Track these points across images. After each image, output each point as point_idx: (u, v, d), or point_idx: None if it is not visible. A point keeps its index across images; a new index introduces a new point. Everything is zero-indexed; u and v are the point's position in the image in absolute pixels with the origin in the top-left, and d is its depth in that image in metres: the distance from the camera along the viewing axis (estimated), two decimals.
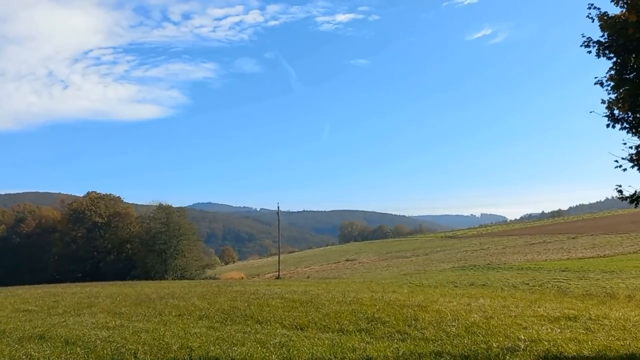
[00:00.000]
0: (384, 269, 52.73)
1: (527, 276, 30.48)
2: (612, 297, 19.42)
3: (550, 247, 54.20)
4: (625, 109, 7.62)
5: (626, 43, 7.30)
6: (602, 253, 43.38)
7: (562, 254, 46.63)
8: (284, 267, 69.40)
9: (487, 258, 49.44)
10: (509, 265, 39.46)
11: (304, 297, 17.46)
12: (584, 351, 8.78)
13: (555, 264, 37.09)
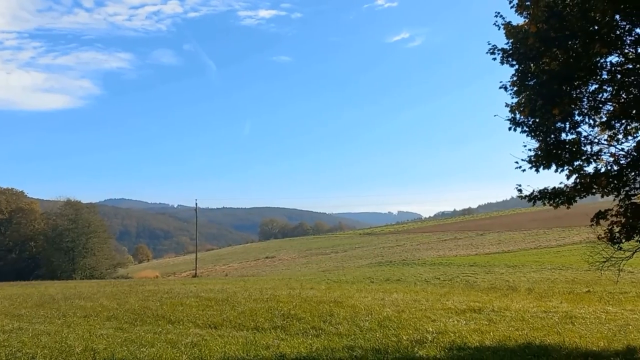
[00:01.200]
0: (304, 266, 53.07)
1: (439, 271, 31.90)
2: (514, 290, 20.75)
3: (460, 244, 56.99)
4: (525, 113, 8.13)
5: (527, 52, 7.79)
6: (507, 249, 46.17)
7: (471, 249, 49.16)
8: (202, 265, 67.89)
9: (402, 254, 51.18)
10: (422, 261, 41.10)
11: (220, 296, 17.17)
12: (486, 341, 9.28)
13: (465, 259, 39.08)
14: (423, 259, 42.86)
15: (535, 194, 8.50)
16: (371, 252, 59.97)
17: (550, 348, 8.55)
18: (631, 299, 16.53)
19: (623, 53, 8.22)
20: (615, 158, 7.67)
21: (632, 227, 7.03)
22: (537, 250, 42.86)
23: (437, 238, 67.20)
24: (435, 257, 43.68)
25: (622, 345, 8.56)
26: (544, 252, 40.36)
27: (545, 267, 30.29)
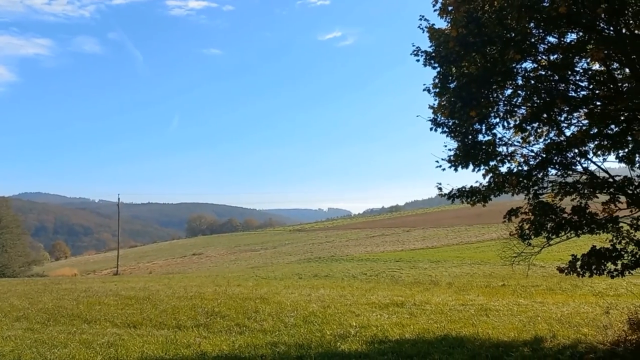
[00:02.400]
0: (232, 263, 52.40)
1: (366, 267, 32.53)
2: (435, 285, 21.54)
3: (387, 240, 58.39)
4: (445, 114, 8.43)
5: (448, 55, 8.07)
6: (431, 245, 47.81)
7: (398, 245, 50.48)
8: (124, 263, 65.31)
9: (331, 250, 51.68)
10: (350, 257, 41.71)
11: (142, 294, 16.61)
12: (406, 334, 9.57)
13: (391, 255, 40.08)
14: (351, 255, 43.50)
15: (454, 192, 8.82)
16: (301, 248, 60.16)
17: (466, 339, 8.95)
18: (541, 292, 17.62)
19: (537, 60, 8.71)
20: (525, 159, 8.13)
21: (540, 224, 7.46)
22: (458, 246, 44.67)
23: (366, 234, 68.48)
24: (363, 253, 44.46)
25: (530, 336, 9.09)
26: (464, 247, 42.14)
27: (465, 262, 31.58)
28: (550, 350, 7.92)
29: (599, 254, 6.79)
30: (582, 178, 7.94)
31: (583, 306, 12.54)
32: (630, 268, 6.82)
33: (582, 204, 7.28)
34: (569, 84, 8.64)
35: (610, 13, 7.90)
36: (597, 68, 8.75)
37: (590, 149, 8.23)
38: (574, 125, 8.68)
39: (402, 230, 67.00)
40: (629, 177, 7.51)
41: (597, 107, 8.44)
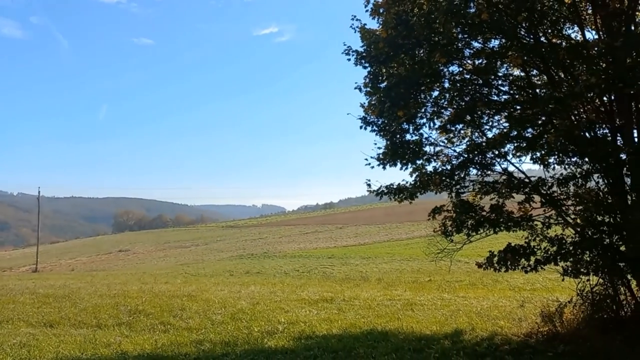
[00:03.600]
0: (161, 260, 50.96)
1: (299, 263, 32.63)
2: (365, 280, 21.93)
3: (321, 236, 58.89)
4: (375, 113, 8.60)
5: (378, 55, 8.23)
6: (363, 242, 48.67)
7: (330, 242, 51.04)
8: (45, 260, 61.83)
9: (264, 247, 51.48)
10: (284, 254, 41.72)
11: (61, 292, 15.78)
12: (333, 329, 9.68)
13: (324, 252, 40.42)
14: (284, 252, 43.50)
15: (382, 189, 9.01)
16: (233, 245, 59.49)
17: (391, 333, 9.17)
18: (464, 287, 18.35)
19: (462, 64, 9.05)
20: (448, 159, 8.44)
21: (461, 221, 7.78)
22: (389, 242, 45.75)
23: (299, 231, 68.70)
24: (296, 250, 44.58)
25: (451, 329, 9.44)
26: (395, 244, 43.20)
27: (395, 258, 32.38)
28: (468, 342, 8.26)
29: (514, 250, 7.17)
30: (501, 178, 8.35)
31: (501, 300, 13.17)
32: (542, 263, 7.24)
33: (499, 203, 7.66)
34: (491, 88, 9.04)
35: (529, 22, 8.34)
36: (518, 74, 9.22)
37: (510, 151, 8.68)
38: (495, 127, 9.11)
39: (335, 227, 67.78)
40: (543, 178, 7.97)
41: (516, 111, 8.88)
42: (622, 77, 6.86)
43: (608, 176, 7.80)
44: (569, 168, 8.26)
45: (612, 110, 8.17)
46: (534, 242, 7.71)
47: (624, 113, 7.94)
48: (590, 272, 7.11)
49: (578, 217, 7.03)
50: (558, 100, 6.99)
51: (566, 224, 7.55)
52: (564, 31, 8.88)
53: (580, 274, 7.07)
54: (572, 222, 7.33)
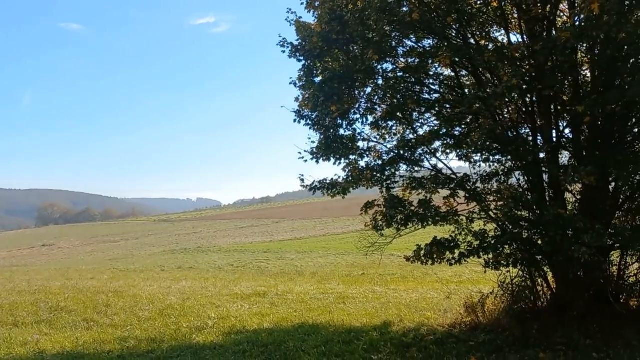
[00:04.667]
0: (88, 255, 48.81)
1: (234, 258, 32.23)
2: (300, 275, 21.98)
3: (257, 231, 58.41)
4: (309, 107, 8.60)
5: (312, 49, 8.23)
6: (299, 236, 48.69)
7: (267, 236, 50.70)
8: None
9: (198, 241, 50.47)
10: (218, 248, 41.07)
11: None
12: (265, 324, 9.64)
13: (260, 246, 40.14)
14: (219, 246, 42.85)
15: (315, 184, 9.03)
16: (166, 239, 57.92)
17: (322, 326, 9.26)
18: (396, 280, 18.78)
19: (396, 62, 9.22)
20: (379, 154, 8.59)
21: (391, 216, 7.93)
22: (325, 237, 46.02)
23: (235, 225, 67.90)
24: (232, 244, 44.02)
25: (381, 321, 9.65)
26: (331, 238, 43.52)
27: (330, 252, 32.61)
28: (396, 333, 8.48)
29: (439, 244, 7.41)
30: (429, 174, 8.59)
31: (430, 292, 13.60)
32: (466, 256, 7.52)
33: (427, 198, 7.87)
34: (423, 87, 9.27)
35: (459, 23, 8.62)
36: (448, 74, 9.50)
37: (439, 148, 8.94)
38: (426, 125, 9.35)
39: (272, 222, 67.49)
40: (468, 174, 8.28)
41: (446, 109, 9.16)
42: (542, 79, 7.22)
43: (528, 174, 8.21)
44: (493, 165, 8.63)
45: (534, 111, 8.61)
46: (459, 236, 8.00)
47: (544, 114, 8.38)
48: (509, 264, 7.46)
49: (499, 212, 7.35)
50: (482, 100, 7.27)
51: (489, 219, 7.88)
52: (492, 34, 9.24)
53: (501, 266, 7.41)
54: (494, 217, 7.66)
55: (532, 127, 8.67)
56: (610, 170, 7.31)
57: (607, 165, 7.10)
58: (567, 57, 7.57)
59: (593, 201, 8.02)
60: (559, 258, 7.09)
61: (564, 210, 7.08)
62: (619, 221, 8.53)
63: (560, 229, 6.56)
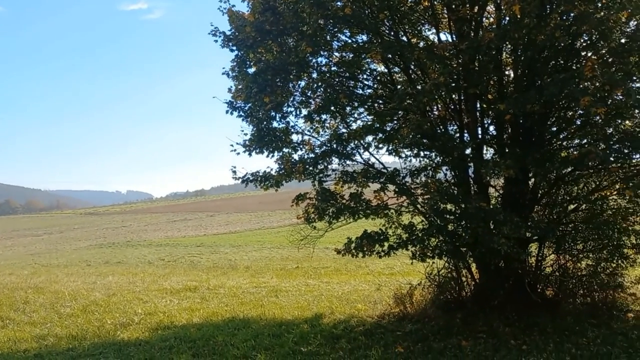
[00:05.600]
0: (8, 249, 45.94)
1: (165, 252, 31.44)
2: (233, 269, 21.75)
3: (190, 225, 57.22)
4: (242, 98, 8.46)
5: (245, 39, 8.08)
6: (234, 229, 48.17)
7: (200, 230, 49.80)
8: None
9: (128, 235, 48.82)
10: (149, 242, 39.96)
11: None
12: (194, 319, 9.45)
13: (193, 240, 39.38)
14: (150, 240, 41.67)
15: (248, 177, 8.92)
16: (93, 233, 55.56)
17: (252, 320, 9.19)
18: (329, 273, 18.98)
19: (330, 56, 9.25)
20: (311, 147, 8.60)
21: (323, 209, 7.97)
22: (261, 230, 45.79)
23: (167, 219, 66.19)
24: (163, 238, 42.93)
25: (312, 313, 9.71)
26: (266, 232, 43.35)
27: (265, 246, 32.51)
28: (327, 325, 8.56)
29: (369, 236, 7.52)
30: (360, 168, 8.70)
31: (361, 284, 13.84)
32: (394, 249, 7.68)
33: (358, 192, 7.97)
34: (357, 82, 9.37)
35: (392, 20, 8.77)
36: (382, 70, 9.65)
37: (372, 143, 9.06)
38: (360, 120, 9.46)
39: (206, 215, 66.33)
40: (398, 169, 8.46)
41: (379, 105, 9.30)
42: (468, 78, 7.49)
43: (455, 168, 8.51)
44: (423, 160, 8.86)
45: (461, 108, 8.92)
46: (390, 229, 8.16)
47: (471, 111, 8.70)
48: (435, 256, 7.71)
49: (425, 206, 7.56)
50: (412, 96, 7.43)
51: (417, 212, 8.10)
52: (423, 32, 9.47)
53: (427, 257, 7.63)
54: (422, 210, 7.87)
55: (459, 123, 8.98)
56: (529, 166, 7.71)
57: (526, 161, 7.47)
58: (492, 57, 7.90)
59: (514, 195, 8.42)
60: (481, 249, 7.39)
61: (485, 204, 7.39)
62: (537, 214, 9.05)
63: (482, 222, 6.84)
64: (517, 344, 6.90)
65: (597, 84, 6.31)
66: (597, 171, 8.50)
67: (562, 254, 9.11)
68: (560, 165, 7.87)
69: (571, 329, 7.42)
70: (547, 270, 9.23)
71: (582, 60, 7.75)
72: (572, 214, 9.11)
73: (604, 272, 8.89)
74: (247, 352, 7.11)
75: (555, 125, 8.56)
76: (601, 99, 6.30)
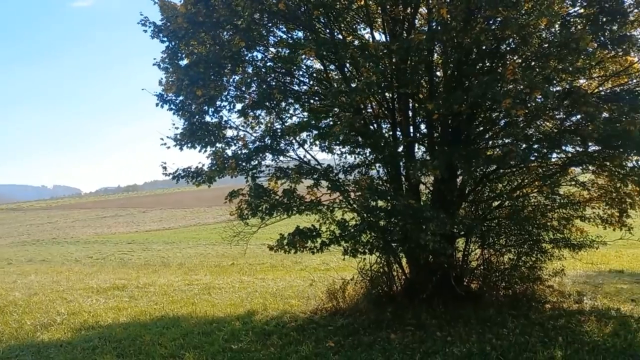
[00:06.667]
0: None
1: (94, 249, 30.24)
2: (166, 266, 21.24)
3: (121, 221, 55.36)
4: (173, 91, 8.22)
5: (177, 30, 7.86)
6: (168, 226, 47.08)
7: (132, 227, 48.33)
8: None
9: (54, 232, 46.56)
10: (76, 239, 38.39)
11: None
12: (121, 318, 9.12)
13: (124, 237, 38.14)
14: (77, 237, 39.98)
15: (179, 172, 8.70)
16: (15, 229, 52.46)
17: (182, 318, 8.99)
18: (265, 269, 18.92)
19: (267, 51, 9.18)
20: (245, 143, 8.50)
21: (256, 205, 7.90)
22: (196, 227, 45.01)
23: (97, 215, 63.66)
24: (92, 235, 41.29)
25: (245, 310, 9.63)
26: (202, 228, 42.65)
27: (201, 242, 31.99)
28: (259, 322, 8.51)
29: (301, 232, 7.54)
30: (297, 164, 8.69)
31: (296, 280, 13.87)
32: (327, 245, 7.74)
33: (291, 188, 7.97)
34: (293, 78, 9.36)
35: (327, 18, 8.81)
36: (318, 67, 9.68)
37: (307, 139, 9.07)
38: (296, 116, 9.45)
39: (139, 211, 64.32)
40: (332, 165, 8.53)
41: (315, 101, 9.34)
42: (399, 77, 7.66)
43: (387, 166, 8.69)
44: (358, 157, 8.98)
45: (394, 107, 9.12)
46: (324, 225, 8.22)
47: (403, 110, 8.92)
48: (366, 251, 7.85)
49: (356, 202, 7.68)
50: (346, 94, 7.52)
51: (350, 209, 8.19)
52: (359, 31, 9.59)
53: (358, 253, 7.76)
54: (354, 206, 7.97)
55: (392, 122, 9.17)
56: (456, 164, 8.00)
57: (453, 160, 7.75)
58: (423, 58, 8.12)
59: (442, 193, 8.72)
60: (410, 245, 7.59)
61: (414, 201, 7.59)
62: (464, 211, 9.42)
63: (410, 218, 7.03)
64: (443, 336, 7.15)
65: (520, 87, 6.64)
66: (519, 169, 8.96)
67: (486, 248, 9.54)
68: (484, 164, 8.25)
69: (493, 320, 7.77)
70: (472, 264, 9.63)
71: (507, 63, 8.15)
72: (496, 210, 9.56)
73: (525, 266, 9.39)
74: (175, 351, 6.93)
75: (482, 126, 8.93)
76: (522, 101, 6.63)
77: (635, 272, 13.88)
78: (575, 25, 7.89)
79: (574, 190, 9.36)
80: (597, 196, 9.11)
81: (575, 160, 8.18)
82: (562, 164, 8.51)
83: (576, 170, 9.12)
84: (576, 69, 6.98)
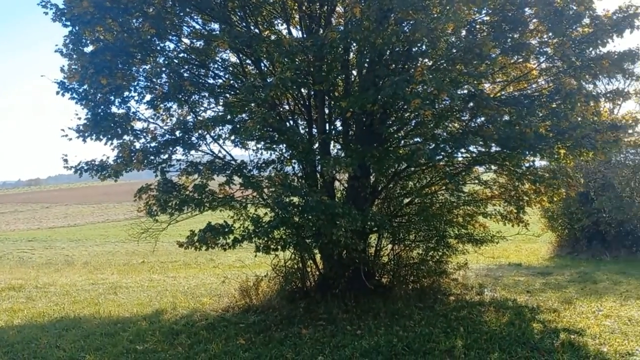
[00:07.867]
0: None
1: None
2: (70, 265, 20.07)
3: (21, 217, 51.74)
4: (76, 79, 7.70)
5: (81, 14, 7.35)
6: (73, 222, 44.61)
7: (33, 223, 45.39)
8: None
9: None
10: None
11: None
12: (15, 320, 8.49)
13: (24, 234, 35.76)
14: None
15: (82, 166, 8.19)
16: None
17: (85, 319, 8.52)
18: (177, 267, 18.44)
19: (180, 41, 8.87)
20: (154, 136, 8.17)
21: (165, 201, 7.61)
22: (105, 223, 42.99)
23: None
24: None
25: (153, 309, 9.29)
26: (111, 225, 40.75)
27: (109, 240, 30.61)
28: (167, 321, 8.24)
29: (213, 229, 7.34)
30: (209, 160, 8.47)
31: (210, 278, 13.61)
32: (239, 241, 7.59)
33: (203, 183, 7.74)
34: (208, 71, 9.12)
35: (243, 11, 8.68)
36: (234, 61, 9.51)
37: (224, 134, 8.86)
38: (211, 110, 9.21)
39: (41, 207, 60.29)
40: (245, 161, 8.41)
41: (230, 95, 9.15)
42: (313, 74, 7.70)
43: (301, 162, 8.70)
44: (273, 154, 8.91)
45: (310, 104, 9.16)
46: (238, 221, 8.08)
47: (319, 107, 8.97)
48: (279, 248, 7.81)
49: (270, 198, 7.62)
50: (259, 89, 7.43)
51: (264, 204, 8.11)
52: (276, 26, 9.51)
53: (270, 250, 7.70)
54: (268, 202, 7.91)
55: (308, 119, 9.21)
56: (368, 162, 8.18)
57: (366, 158, 7.91)
58: (339, 57, 8.22)
59: (356, 190, 8.89)
60: (323, 240, 7.66)
61: (327, 197, 7.67)
62: (377, 208, 9.67)
63: (323, 214, 7.08)
64: (353, 329, 7.30)
65: (428, 89, 6.88)
66: (427, 168, 9.34)
67: (397, 244, 9.86)
68: (395, 162, 8.50)
69: (401, 312, 8.05)
70: (384, 259, 9.91)
71: (418, 65, 8.45)
72: (407, 207, 9.91)
73: (432, 260, 9.82)
74: (74, 354, 6.52)
75: (394, 125, 9.19)
76: (430, 102, 6.88)
77: (532, 265, 15.01)
78: (481, 32, 8.33)
79: (478, 188, 9.92)
80: (498, 194, 9.71)
81: (479, 160, 8.65)
82: (467, 163, 8.96)
83: (480, 169, 9.66)
84: (480, 74, 7.34)
